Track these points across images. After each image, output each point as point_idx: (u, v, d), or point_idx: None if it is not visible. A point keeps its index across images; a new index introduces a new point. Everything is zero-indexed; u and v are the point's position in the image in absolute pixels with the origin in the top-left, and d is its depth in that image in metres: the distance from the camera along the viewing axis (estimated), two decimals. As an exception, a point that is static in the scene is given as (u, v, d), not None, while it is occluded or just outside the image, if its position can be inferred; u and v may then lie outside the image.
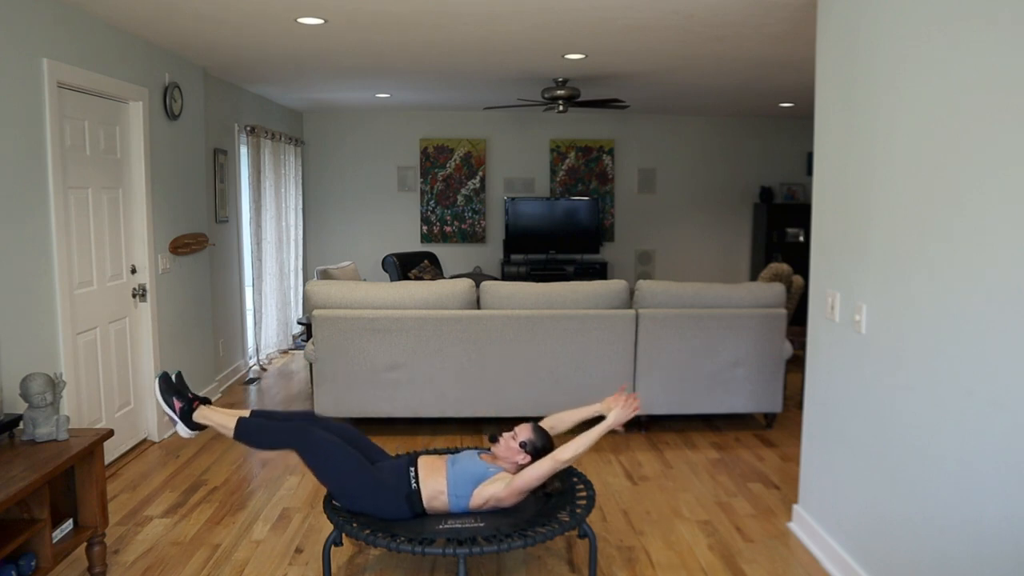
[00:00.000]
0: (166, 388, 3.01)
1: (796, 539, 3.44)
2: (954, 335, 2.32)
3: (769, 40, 4.58)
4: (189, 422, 2.99)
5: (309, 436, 2.90)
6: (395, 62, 5.40)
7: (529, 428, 3.04)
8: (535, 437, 3.01)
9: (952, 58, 2.31)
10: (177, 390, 3.02)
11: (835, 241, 3.15)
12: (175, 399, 2.99)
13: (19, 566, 2.63)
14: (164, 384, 3.01)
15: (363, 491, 2.87)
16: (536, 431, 3.04)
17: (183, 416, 2.98)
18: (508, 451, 2.98)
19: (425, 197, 8.82)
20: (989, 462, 2.17)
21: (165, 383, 3.02)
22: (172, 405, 2.98)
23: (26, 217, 3.50)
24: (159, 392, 3.00)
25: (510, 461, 2.98)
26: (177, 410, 2.98)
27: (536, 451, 2.99)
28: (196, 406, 2.99)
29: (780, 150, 9.09)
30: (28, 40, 3.49)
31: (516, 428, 3.05)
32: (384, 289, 4.72)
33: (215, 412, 2.99)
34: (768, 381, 4.85)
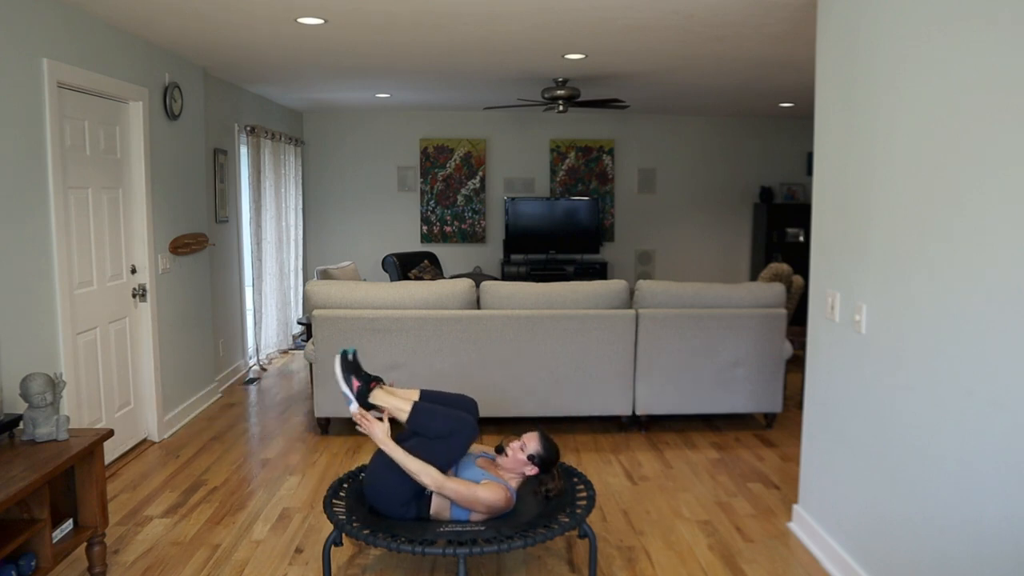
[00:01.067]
0: (345, 367, 3.00)
1: (796, 539, 3.44)
2: (954, 335, 2.32)
3: (769, 40, 4.58)
4: (365, 402, 2.98)
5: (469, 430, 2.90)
6: (395, 62, 5.40)
7: (537, 439, 3.03)
8: (543, 449, 3.01)
9: (952, 58, 2.31)
10: (355, 369, 3.02)
11: (835, 241, 3.15)
12: (353, 378, 2.99)
13: (19, 566, 2.63)
14: (343, 363, 3.01)
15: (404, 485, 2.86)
16: (544, 442, 3.03)
17: (359, 396, 2.98)
18: (515, 463, 2.98)
19: (425, 197, 8.82)
20: (989, 462, 2.17)
21: (344, 362, 3.01)
22: (351, 384, 2.98)
23: (26, 217, 3.50)
24: (339, 370, 3.00)
25: (517, 472, 2.98)
26: (355, 389, 2.98)
27: (543, 462, 3.00)
28: (373, 387, 3.00)
29: (780, 150, 9.09)
30: (28, 40, 3.49)
31: (524, 437, 3.04)
32: (384, 289, 4.72)
33: (391, 395, 2.99)
34: (768, 381, 4.85)
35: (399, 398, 2.99)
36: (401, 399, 2.98)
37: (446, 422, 2.91)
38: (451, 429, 2.89)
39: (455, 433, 2.89)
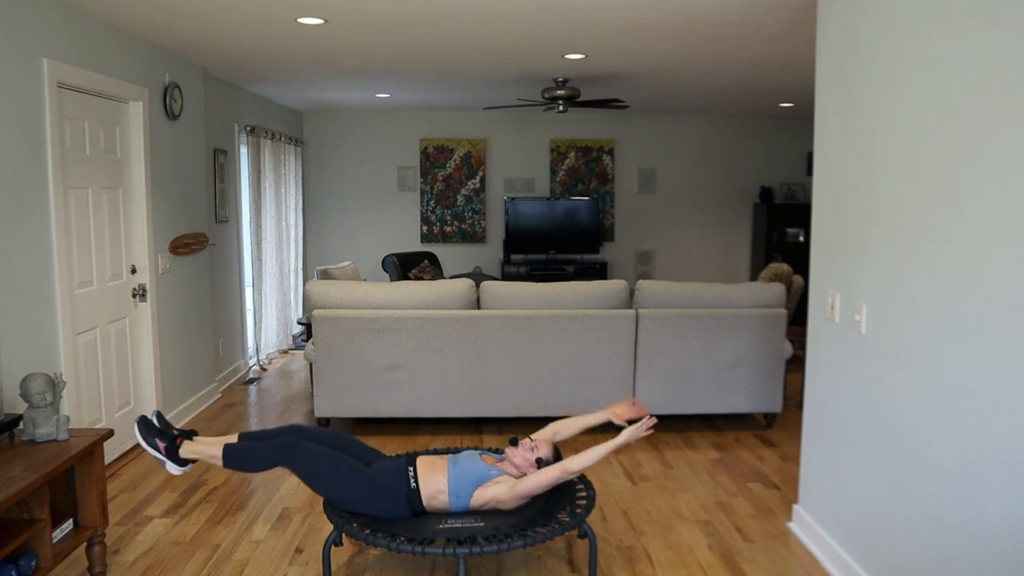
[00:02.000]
0: (147, 432, 2.96)
1: (796, 539, 3.44)
2: (954, 335, 2.32)
3: (769, 40, 4.58)
4: (177, 459, 2.96)
5: (297, 451, 2.88)
6: (395, 62, 5.40)
7: (550, 447, 3.05)
8: (552, 458, 3.02)
9: (952, 58, 2.31)
10: (159, 430, 2.98)
11: (835, 241, 3.15)
12: (158, 440, 2.95)
13: (19, 566, 2.64)
14: (144, 428, 2.96)
15: (360, 495, 2.87)
16: (556, 453, 3.06)
17: (169, 455, 2.95)
18: (523, 461, 2.98)
19: (425, 197, 8.82)
20: (989, 462, 2.17)
21: (145, 427, 2.97)
22: (156, 447, 2.95)
23: (26, 217, 3.50)
24: (140, 438, 2.95)
25: (521, 469, 2.99)
26: (163, 450, 2.95)
27: None
28: (180, 442, 2.96)
29: (780, 150, 9.09)
30: (28, 40, 3.49)
31: (536, 440, 3.06)
32: (384, 289, 4.72)
33: (201, 444, 2.96)
34: (768, 381, 4.85)
35: (212, 446, 2.95)
36: (214, 446, 2.95)
37: (264, 456, 2.90)
38: (275, 460, 2.88)
39: (287, 461, 2.87)
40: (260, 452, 2.92)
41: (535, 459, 2.98)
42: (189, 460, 2.98)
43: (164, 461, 2.96)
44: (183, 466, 2.98)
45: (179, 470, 2.98)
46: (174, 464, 2.96)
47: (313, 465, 2.87)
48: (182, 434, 2.99)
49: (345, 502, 2.89)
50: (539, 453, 3.00)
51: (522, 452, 3.00)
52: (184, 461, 2.97)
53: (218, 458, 2.92)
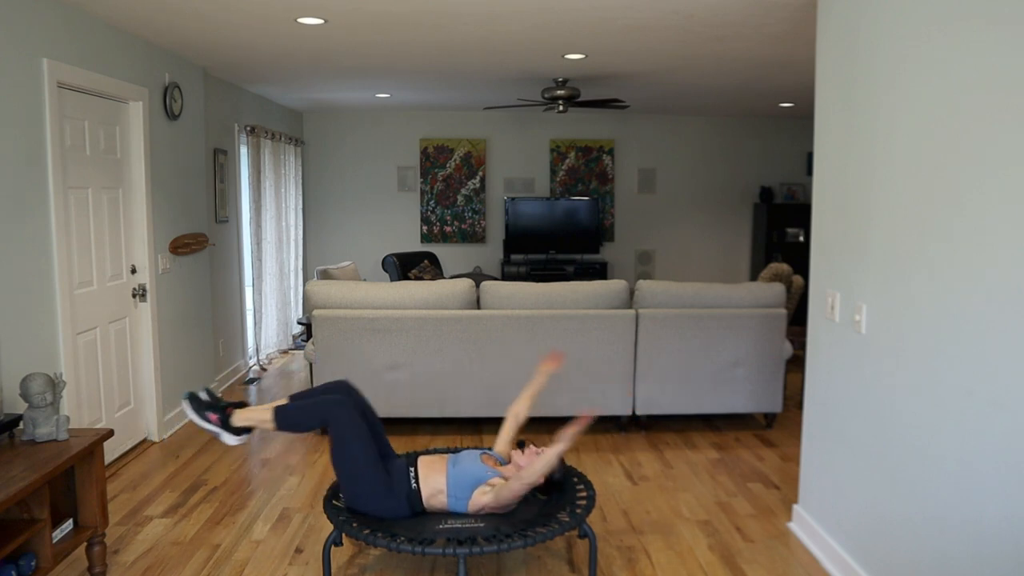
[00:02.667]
0: (197, 407, 2.97)
1: (796, 539, 3.44)
2: (954, 335, 2.32)
3: (769, 40, 4.58)
4: (231, 429, 2.96)
5: (344, 413, 2.88)
6: (395, 62, 5.40)
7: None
8: (558, 465, 3.03)
9: (952, 58, 2.31)
10: (209, 403, 2.99)
11: (835, 241, 3.15)
12: (209, 413, 2.96)
13: (19, 566, 2.64)
14: (194, 403, 2.98)
15: (368, 490, 2.87)
16: (562, 462, 3.07)
17: (223, 426, 2.95)
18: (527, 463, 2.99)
19: (425, 197, 8.82)
20: (989, 462, 2.17)
21: (195, 402, 2.98)
22: (209, 420, 2.96)
23: (26, 217, 3.50)
24: (192, 413, 2.96)
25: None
26: (216, 422, 2.96)
27: (551, 477, 3.02)
28: (230, 412, 2.97)
29: (780, 150, 9.09)
30: (28, 40, 3.49)
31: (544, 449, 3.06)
32: (384, 289, 4.72)
33: (252, 411, 2.97)
34: (768, 381, 4.85)
35: (261, 411, 2.96)
36: (263, 411, 2.95)
37: (313, 412, 2.91)
38: (322, 416, 2.89)
39: (330, 417, 2.87)
40: (309, 410, 2.92)
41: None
42: (244, 429, 2.97)
43: (219, 433, 2.96)
44: (239, 435, 2.97)
45: (235, 440, 2.97)
46: (229, 434, 2.96)
47: (350, 437, 2.86)
48: (232, 405, 3.00)
49: (353, 490, 2.89)
50: None
51: (527, 456, 3.00)
52: (239, 430, 2.97)
53: (269, 422, 2.92)
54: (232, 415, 2.96)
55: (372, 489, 2.87)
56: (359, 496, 2.89)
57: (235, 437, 2.97)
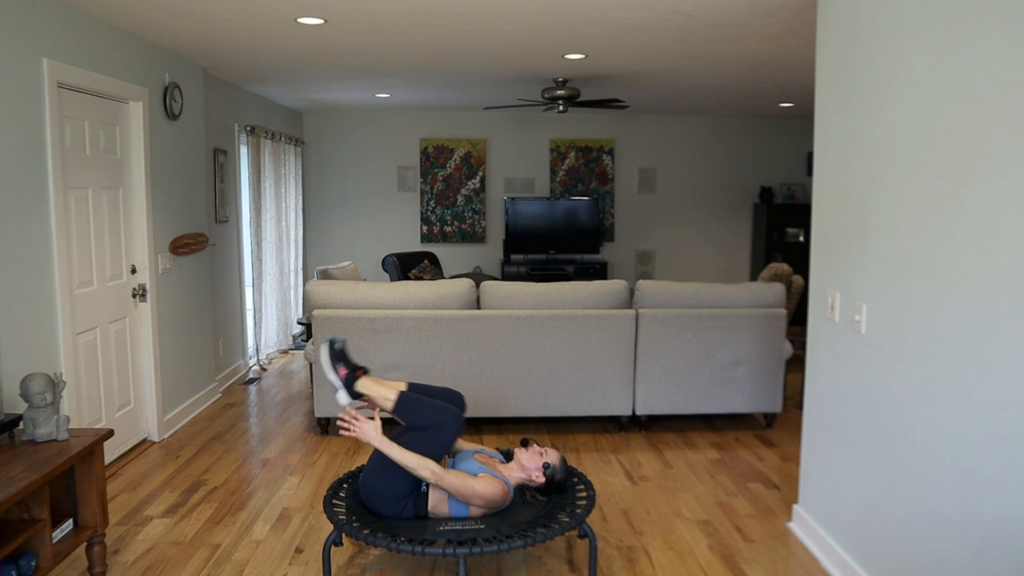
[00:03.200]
0: (332, 355, 3.01)
1: (796, 539, 3.44)
2: (954, 335, 2.32)
3: (769, 40, 4.58)
4: (351, 390, 3.00)
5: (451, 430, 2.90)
6: (395, 62, 5.40)
7: (559, 458, 3.07)
8: (559, 467, 3.03)
9: (952, 57, 2.31)
10: (342, 358, 3.03)
11: (835, 241, 3.15)
12: (341, 366, 3.00)
13: (19, 566, 2.64)
14: (331, 352, 3.02)
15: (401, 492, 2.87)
16: (564, 465, 3.06)
17: (347, 383, 2.99)
18: (530, 462, 3.00)
19: (425, 197, 8.82)
20: (989, 462, 2.17)
21: (332, 351, 3.02)
22: (337, 372, 2.99)
23: (26, 217, 3.50)
24: (327, 358, 3.00)
25: (526, 471, 2.99)
26: (342, 377, 2.99)
27: (552, 477, 3.02)
28: (359, 375, 3.01)
29: (780, 150, 9.09)
30: (28, 40, 3.49)
31: (548, 449, 3.08)
32: (384, 289, 4.73)
33: (377, 384, 3.00)
34: (768, 381, 4.85)
35: (386, 387, 2.99)
36: (388, 388, 2.99)
37: (432, 413, 2.92)
38: (437, 420, 2.90)
39: (441, 424, 2.90)
40: (430, 408, 2.93)
41: (543, 464, 2.99)
42: (360, 394, 3.00)
43: (338, 388, 3.00)
44: (354, 398, 3.01)
45: (349, 401, 3.01)
46: (346, 393, 3.00)
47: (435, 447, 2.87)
48: (362, 368, 3.04)
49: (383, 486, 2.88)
50: (547, 459, 3.01)
51: (530, 454, 3.01)
52: (357, 394, 3.00)
53: (390, 400, 2.94)
54: (359, 378, 3.00)
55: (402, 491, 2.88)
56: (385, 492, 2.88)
57: (349, 398, 3.01)
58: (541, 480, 3.00)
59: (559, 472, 3.03)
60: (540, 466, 2.98)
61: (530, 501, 3.07)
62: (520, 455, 3.03)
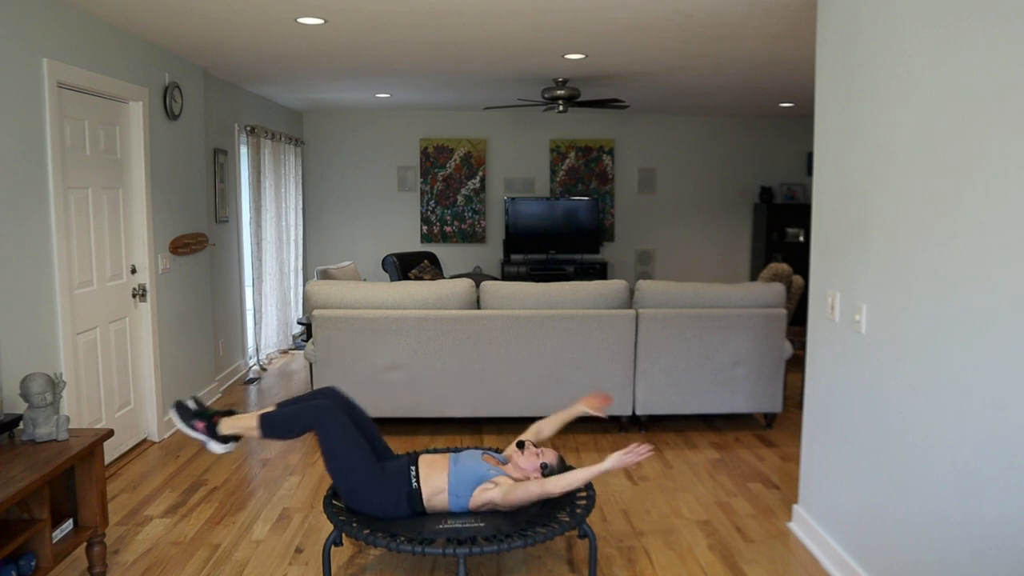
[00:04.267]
0: (184, 415, 2.99)
1: (796, 539, 3.44)
2: (954, 335, 2.32)
3: (769, 40, 4.58)
4: (217, 437, 2.98)
5: (331, 416, 2.90)
6: (395, 62, 5.40)
7: (556, 457, 3.07)
8: (557, 467, 3.04)
9: (952, 57, 2.31)
10: (196, 412, 3.01)
11: (835, 241, 3.15)
12: (196, 421, 2.98)
13: (19, 566, 2.64)
14: (181, 412, 3.00)
15: (366, 488, 2.88)
16: (560, 462, 3.07)
17: (210, 434, 2.97)
18: (528, 464, 3.00)
19: (425, 197, 8.82)
20: (989, 462, 2.17)
21: (182, 411, 3.00)
22: (195, 428, 2.98)
23: (26, 217, 3.50)
24: (179, 422, 2.98)
25: (524, 472, 2.99)
26: (203, 430, 2.98)
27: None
28: (217, 420, 2.99)
29: (780, 150, 9.09)
30: (28, 40, 3.49)
31: (545, 449, 3.08)
32: (384, 289, 4.72)
33: (238, 419, 2.99)
34: (768, 381, 4.85)
35: (247, 419, 2.97)
36: (249, 418, 2.97)
37: (298, 419, 2.92)
38: (308, 421, 2.90)
39: (316, 422, 2.89)
40: (294, 416, 2.93)
41: (540, 464, 2.99)
42: (231, 437, 2.99)
43: (206, 441, 2.98)
44: (226, 443, 2.99)
45: (222, 448, 2.99)
46: (216, 443, 2.98)
47: (336, 440, 2.88)
48: (219, 413, 3.02)
49: (349, 491, 2.89)
50: (544, 459, 3.01)
51: (527, 456, 3.01)
52: (226, 439, 2.99)
53: (255, 429, 2.93)
54: (219, 423, 2.97)
55: (368, 488, 2.88)
56: (357, 496, 2.89)
57: (222, 445, 2.98)
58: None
59: (557, 472, 3.03)
60: (538, 467, 2.98)
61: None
62: (517, 458, 3.02)
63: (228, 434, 2.97)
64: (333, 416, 2.91)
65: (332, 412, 2.91)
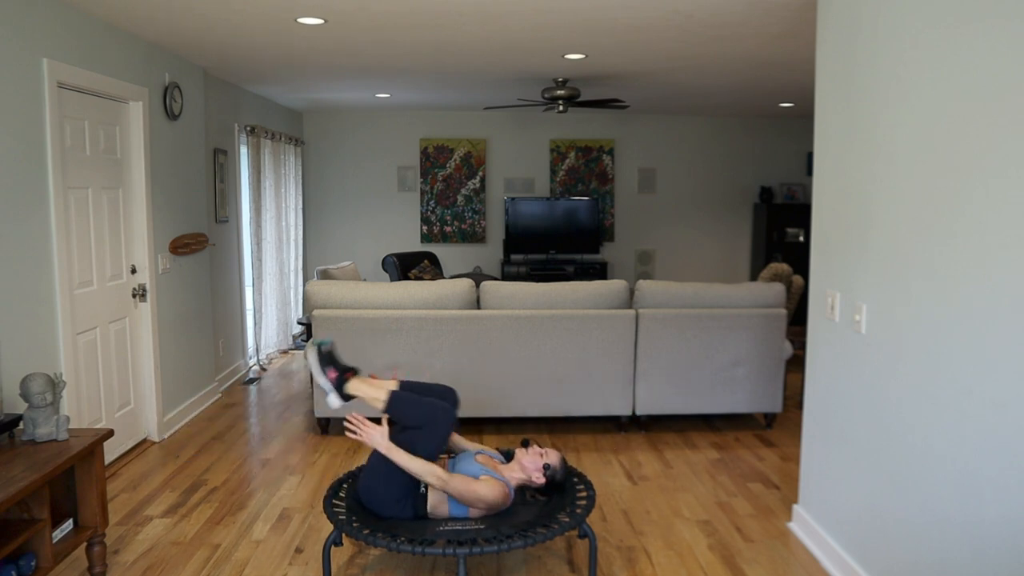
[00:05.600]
0: (321, 359, 3.02)
1: (796, 539, 3.44)
2: (954, 335, 2.32)
3: (769, 40, 4.58)
4: (342, 392, 3.00)
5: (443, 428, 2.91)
6: (395, 62, 5.40)
7: (559, 459, 3.06)
8: (559, 468, 3.03)
9: (952, 57, 2.31)
10: (331, 360, 3.03)
11: (835, 241, 3.15)
12: (330, 368, 3.00)
13: (19, 566, 2.64)
14: (319, 355, 3.03)
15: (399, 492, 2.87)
16: (564, 465, 3.07)
17: (337, 386, 2.99)
18: (531, 463, 2.99)
19: (425, 197, 8.82)
20: (989, 462, 2.17)
21: (320, 354, 3.03)
22: (327, 374, 2.99)
23: (26, 217, 3.50)
24: (315, 362, 3.01)
25: (526, 471, 2.99)
26: (332, 380, 2.99)
27: (552, 478, 3.02)
28: (348, 377, 3.02)
29: (780, 150, 9.09)
30: (28, 40, 3.49)
31: (548, 450, 3.07)
32: (384, 289, 4.72)
33: (367, 384, 3.00)
34: (768, 381, 4.85)
35: (376, 387, 2.99)
36: (378, 388, 2.98)
37: (423, 411, 2.92)
38: (428, 418, 2.90)
39: (433, 422, 2.90)
40: (420, 407, 2.93)
41: (543, 464, 2.99)
42: (351, 396, 3.01)
43: (329, 391, 3.01)
44: (345, 400, 3.02)
45: (339, 403, 3.02)
46: (337, 396, 3.01)
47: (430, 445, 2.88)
48: (351, 369, 3.04)
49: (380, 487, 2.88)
50: (547, 459, 3.01)
51: (531, 455, 3.01)
52: (348, 396, 3.01)
53: (381, 400, 2.94)
54: (349, 381, 3.01)
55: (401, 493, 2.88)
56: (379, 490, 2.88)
57: (341, 400, 3.02)
58: (541, 481, 3.00)
59: (559, 473, 3.03)
60: (540, 467, 2.98)
61: (530, 501, 3.07)
62: (521, 456, 3.03)
63: (352, 394, 3.00)
64: (450, 424, 2.93)
65: (448, 422, 2.93)
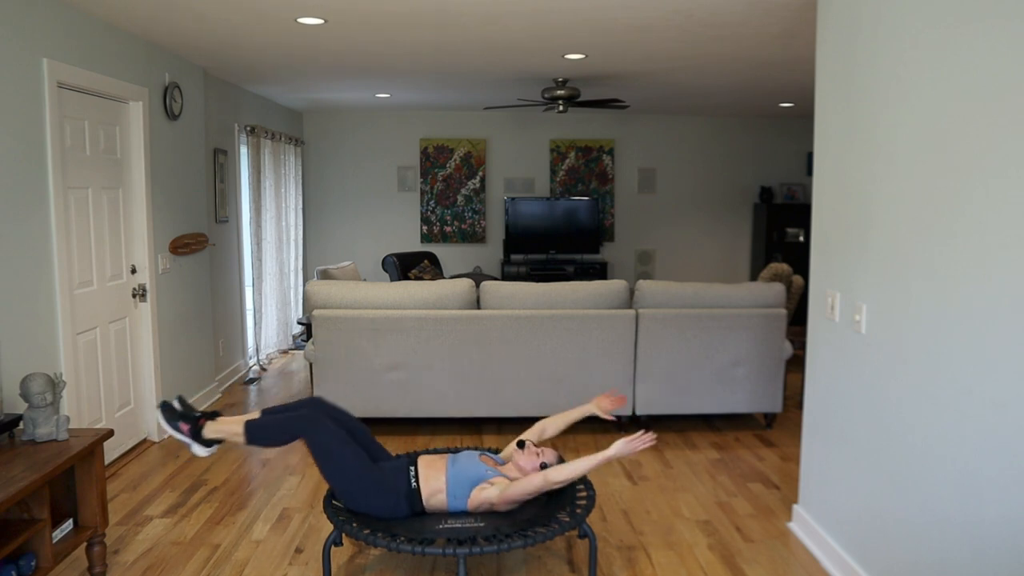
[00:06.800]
0: (170, 416, 2.98)
1: (796, 539, 3.44)
2: (954, 335, 2.32)
3: (769, 40, 4.58)
4: (201, 440, 2.97)
5: (317, 426, 2.90)
6: (395, 62, 5.40)
7: (555, 455, 3.07)
8: (556, 462, 3.03)
9: (952, 57, 2.31)
10: (182, 413, 3.00)
11: (835, 241, 3.15)
12: (181, 423, 2.97)
13: (19, 566, 2.64)
14: (167, 412, 2.98)
15: (363, 489, 2.88)
16: (560, 462, 3.06)
17: (194, 436, 2.96)
18: (528, 463, 2.99)
19: (425, 197, 8.82)
20: (989, 462, 2.17)
21: (168, 411, 2.99)
22: (180, 429, 2.97)
23: (26, 217, 3.50)
24: (164, 422, 2.97)
25: (523, 472, 2.99)
26: (187, 432, 2.96)
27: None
28: (202, 423, 2.97)
29: (780, 150, 9.09)
30: (28, 40, 3.49)
31: (544, 448, 3.08)
32: (384, 289, 4.72)
33: (223, 423, 2.97)
34: (768, 381, 4.85)
35: (233, 423, 2.96)
36: (235, 423, 2.96)
37: (286, 426, 2.92)
38: (295, 430, 2.90)
39: (304, 431, 2.89)
40: (280, 425, 2.93)
41: (540, 464, 2.99)
42: (214, 440, 2.98)
43: (190, 443, 2.97)
44: (209, 447, 2.98)
45: (205, 451, 2.98)
46: (199, 445, 2.97)
47: (327, 446, 2.88)
48: (204, 416, 3.00)
49: (346, 494, 2.89)
50: (544, 458, 3.01)
51: (527, 456, 3.01)
52: (209, 442, 2.98)
53: (240, 435, 2.92)
54: (204, 426, 2.96)
55: (367, 489, 2.88)
56: (356, 499, 2.90)
57: (205, 448, 2.97)
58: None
59: None
60: (538, 467, 2.98)
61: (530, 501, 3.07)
62: (517, 457, 3.02)
63: (212, 438, 2.96)
64: (319, 424, 2.91)
65: (318, 421, 2.91)
